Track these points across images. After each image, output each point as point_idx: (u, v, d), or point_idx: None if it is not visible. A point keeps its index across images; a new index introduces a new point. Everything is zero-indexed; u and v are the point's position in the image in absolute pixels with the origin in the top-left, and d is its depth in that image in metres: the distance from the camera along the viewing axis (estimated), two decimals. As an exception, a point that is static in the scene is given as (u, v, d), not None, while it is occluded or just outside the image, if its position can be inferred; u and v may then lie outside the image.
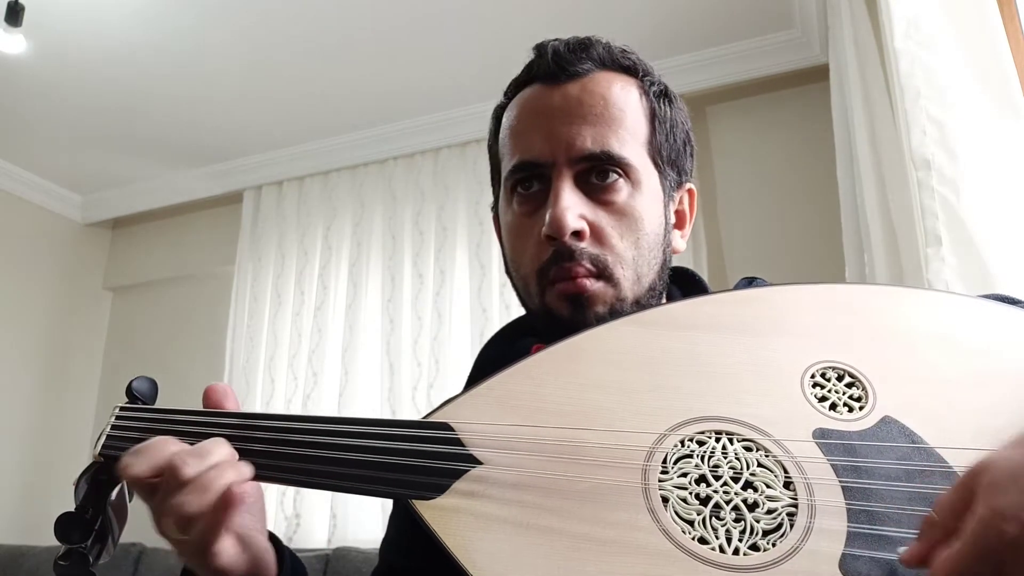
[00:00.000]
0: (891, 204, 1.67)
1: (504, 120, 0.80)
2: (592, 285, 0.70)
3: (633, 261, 0.72)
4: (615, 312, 0.71)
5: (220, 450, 0.59)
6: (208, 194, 3.65)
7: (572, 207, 0.70)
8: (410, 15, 2.56)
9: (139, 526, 0.69)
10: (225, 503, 0.56)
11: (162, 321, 3.74)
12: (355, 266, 3.19)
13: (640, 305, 0.73)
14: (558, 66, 0.75)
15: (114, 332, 3.89)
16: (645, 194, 0.74)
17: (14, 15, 2.42)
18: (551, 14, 2.56)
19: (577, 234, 0.70)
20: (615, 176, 0.72)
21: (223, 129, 3.27)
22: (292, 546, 2.83)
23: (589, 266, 0.70)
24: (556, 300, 0.72)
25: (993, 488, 0.41)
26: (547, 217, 0.70)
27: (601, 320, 0.70)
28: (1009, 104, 1.32)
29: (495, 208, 0.84)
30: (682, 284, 0.86)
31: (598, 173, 0.72)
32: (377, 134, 3.26)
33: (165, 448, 0.59)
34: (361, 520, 2.82)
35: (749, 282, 0.76)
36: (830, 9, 2.26)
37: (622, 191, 0.72)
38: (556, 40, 0.77)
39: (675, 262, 0.86)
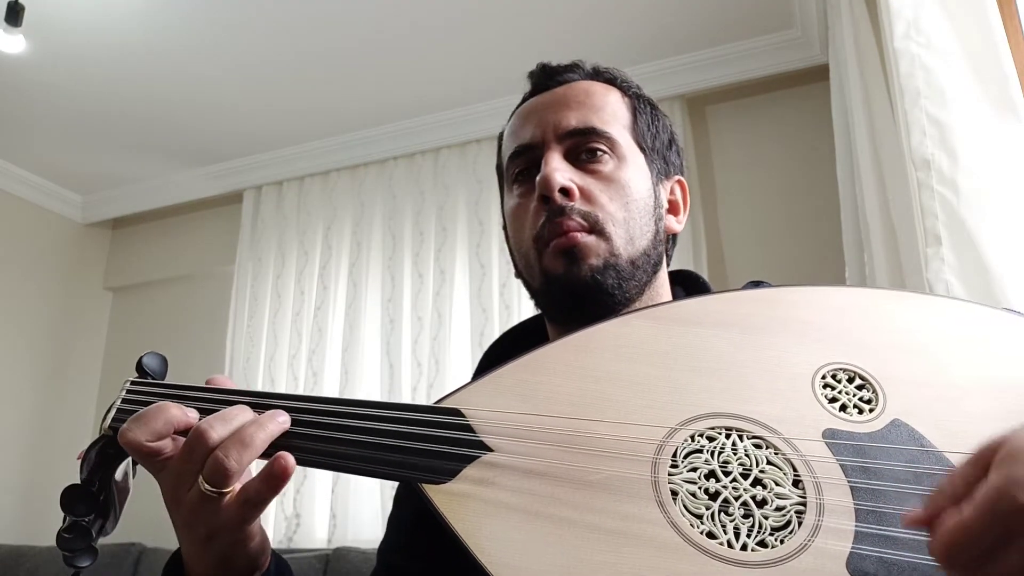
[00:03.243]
0: (891, 204, 1.67)
1: (504, 132, 0.86)
2: (583, 238, 0.73)
3: (624, 221, 0.76)
4: (609, 266, 0.73)
5: (244, 414, 0.60)
6: (208, 194, 3.65)
7: (560, 169, 0.75)
8: (411, 17, 2.56)
9: (139, 526, 0.69)
10: (280, 472, 0.56)
11: (162, 321, 3.73)
12: (355, 266, 3.19)
13: (635, 265, 0.75)
14: (547, 75, 0.83)
15: (114, 332, 3.89)
16: (631, 167, 0.78)
17: (14, 15, 2.42)
18: (552, 15, 2.56)
19: (566, 193, 0.74)
20: (601, 152, 0.77)
21: (223, 129, 3.27)
22: (292, 546, 2.83)
23: (580, 220, 0.74)
24: (551, 259, 0.75)
25: (1010, 458, 0.42)
26: (537, 180, 0.75)
27: (596, 273, 0.73)
28: (1009, 104, 1.33)
29: (504, 222, 0.87)
30: (686, 286, 0.87)
31: (586, 151, 0.77)
32: (377, 134, 3.26)
33: (167, 412, 0.60)
34: (361, 520, 2.82)
35: (755, 286, 0.77)
36: (830, 9, 2.27)
37: (608, 163, 0.77)
38: (546, 62, 0.86)
39: (675, 265, 0.87)
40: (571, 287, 0.73)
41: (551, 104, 0.80)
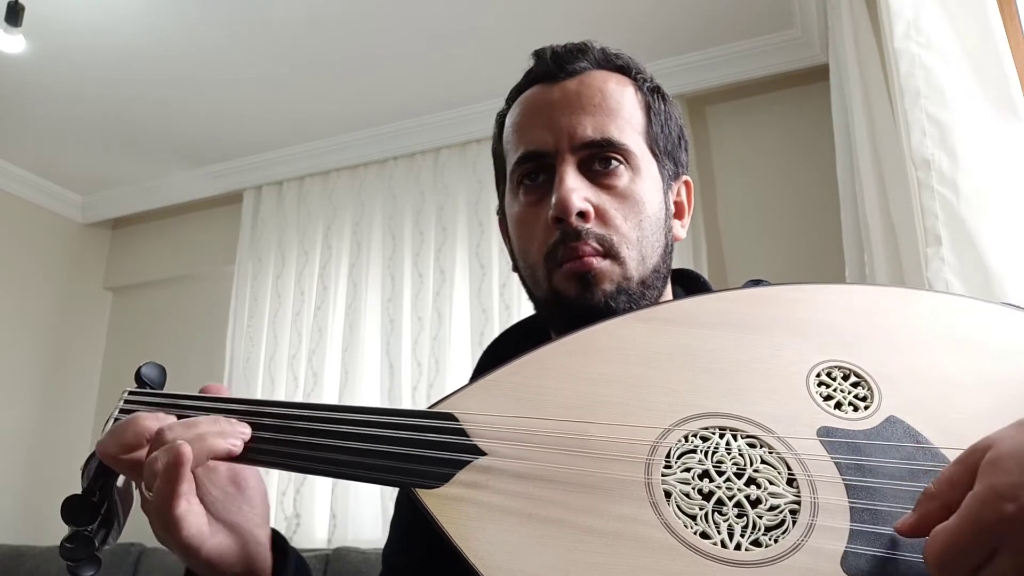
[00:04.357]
0: (891, 204, 1.67)
1: (507, 120, 0.82)
2: (599, 263, 0.72)
3: (637, 242, 0.74)
4: (621, 290, 0.72)
5: (207, 424, 0.60)
6: (208, 194, 3.65)
7: (577, 189, 0.72)
8: (411, 19, 2.56)
9: (139, 526, 0.69)
10: (174, 460, 0.56)
11: (162, 321, 3.74)
12: (355, 266, 3.19)
13: (645, 285, 0.74)
14: (557, 65, 0.78)
15: (114, 332, 3.89)
16: (645, 179, 0.76)
17: (14, 15, 2.42)
18: (551, 16, 2.56)
19: (582, 215, 0.72)
20: (616, 163, 0.75)
21: (223, 129, 3.27)
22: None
23: (596, 245, 0.72)
24: (563, 281, 0.73)
25: (994, 466, 0.42)
26: (553, 199, 0.72)
27: (609, 298, 0.72)
28: (1009, 104, 1.32)
29: (500, 211, 0.85)
30: (685, 285, 0.87)
31: (600, 160, 0.75)
32: (377, 134, 3.26)
33: (138, 424, 0.61)
34: (361, 520, 2.82)
35: (755, 285, 0.77)
36: (830, 9, 2.27)
37: (623, 176, 0.75)
38: (553, 45, 0.81)
39: (675, 264, 0.87)
40: (583, 312, 0.71)
41: (564, 105, 0.76)
